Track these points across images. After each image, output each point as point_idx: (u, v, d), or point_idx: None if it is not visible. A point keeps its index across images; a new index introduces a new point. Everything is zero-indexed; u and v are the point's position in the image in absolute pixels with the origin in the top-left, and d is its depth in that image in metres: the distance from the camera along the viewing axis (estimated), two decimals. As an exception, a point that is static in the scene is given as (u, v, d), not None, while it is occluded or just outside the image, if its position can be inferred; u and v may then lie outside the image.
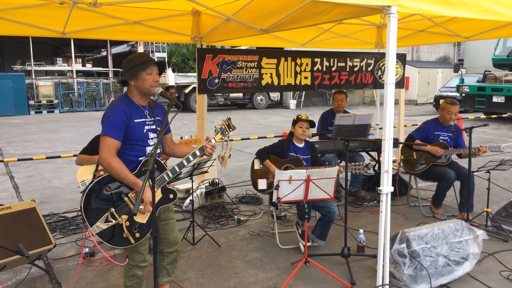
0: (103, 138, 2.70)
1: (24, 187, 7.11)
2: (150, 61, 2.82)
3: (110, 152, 2.67)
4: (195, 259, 4.17)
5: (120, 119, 2.71)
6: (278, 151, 4.51)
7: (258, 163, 4.54)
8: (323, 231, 4.19)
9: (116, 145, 2.71)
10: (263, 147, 4.58)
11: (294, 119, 4.58)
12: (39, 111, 20.96)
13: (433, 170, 5.20)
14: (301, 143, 4.55)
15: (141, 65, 2.78)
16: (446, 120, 5.16)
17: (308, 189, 3.58)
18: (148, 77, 2.79)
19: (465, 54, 29.22)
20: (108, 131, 2.69)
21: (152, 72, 2.82)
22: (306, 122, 4.45)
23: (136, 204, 2.11)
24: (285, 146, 4.53)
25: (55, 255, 4.22)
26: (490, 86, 15.25)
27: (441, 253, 3.54)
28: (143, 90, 2.82)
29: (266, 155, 4.46)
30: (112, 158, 2.68)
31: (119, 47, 32.51)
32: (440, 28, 6.02)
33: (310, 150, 4.56)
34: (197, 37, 5.83)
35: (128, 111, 2.75)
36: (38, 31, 4.96)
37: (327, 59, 6.56)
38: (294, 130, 4.55)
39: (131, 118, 2.76)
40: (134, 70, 2.78)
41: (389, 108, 3.20)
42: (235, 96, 21.73)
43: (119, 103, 2.81)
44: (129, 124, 2.74)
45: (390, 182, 3.25)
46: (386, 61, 3.17)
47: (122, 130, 2.73)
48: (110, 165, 2.67)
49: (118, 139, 2.71)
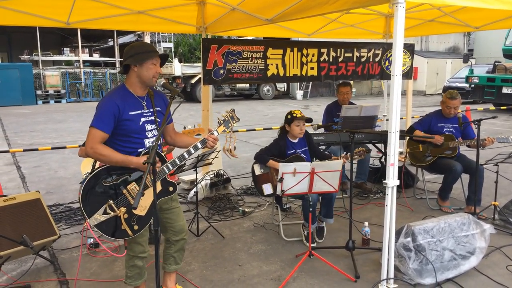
0: (90, 129, 2.70)
1: (30, 177, 7.14)
2: (156, 52, 2.82)
3: (94, 142, 2.66)
4: (199, 250, 4.17)
5: (109, 111, 2.68)
6: (276, 152, 4.34)
7: (258, 167, 4.36)
8: (327, 209, 4.20)
9: (100, 135, 2.68)
10: (259, 150, 4.43)
11: (288, 117, 4.32)
12: (46, 101, 21.06)
13: (439, 163, 5.13)
14: (296, 138, 4.39)
15: (148, 53, 2.76)
16: (446, 113, 5.10)
17: (313, 182, 3.55)
18: (152, 67, 2.77)
19: (475, 44, 28.86)
20: (94, 123, 2.68)
21: (157, 63, 2.81)
22: (303, 120, 4.24)
23: (137, 198, 2.08)
24: (282, 145, 4.35)
25: (60, 246, 4.24)
26: (500, 77, 15.02)
27: (447, 247, 3.49)
28: (145, 79, 2.79)
29: (267, 156, 4.28)
30: (97, 146, 2.66)
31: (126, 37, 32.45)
32: (449, 17, 5.91)
33: (306, 140, 4.42)
34: (202, 27, 5.78)
35: (121, 104, 2.71)
36: (43, 21, 4.94)
37: (334, 50, 6.46)
38: (290, 129, 4.30)
39: (125, 110, 2.72)
40: (139, 57, 2.74)
41: (396, 100, 3.15)
42: (241, 87, 21.65)
43: (112, 95, 2.78)
44: (121, 117, 2.71)
45: (396, 175, 3.21)
46: (393, 52, 3.10)
47: (110, 122, 2.69)
48: (97, 152, 2.66)
49: (104, 130, 2.68)
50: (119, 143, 2.76)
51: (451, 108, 5.04)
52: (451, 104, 5.03)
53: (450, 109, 5.05)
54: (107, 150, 2.68)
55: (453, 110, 5.05)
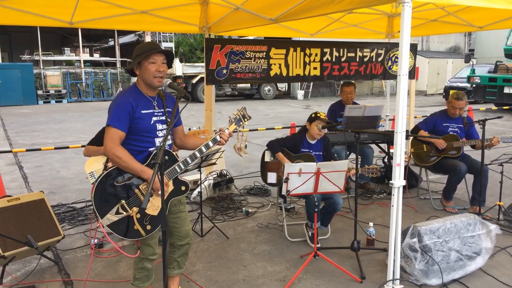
0: (107, 128, 2.67)
1: (32, 177, 7.13)
2: (154, 49, 2.71)
3: (113, 142, 2.63)
4: (204, 251, 4.15)
5: (124, 109, 2.66)
6: (290, 145, 4.38)
7: (269, 155, 4.44)
8: (325, 217, 4.21)
9: (119, 135, 2.66)
10: (275, 138, 4.47)
11: (312, 116, 4.36)
12: (47, 101, 21.03)
13: (444, 163, 5.12)
14: (314, 139, 4.42)
15: (144, 53, 2.69)
16: (452, 113, 5.09)
17: (318, 182, 3.53)
18: (151, 67, 2.69)
19: (476, 44, 28.81)
20: (111, 121, 2.65)
21: (156, 61, 2.71)
22: (324, 123, 4.25)
23: (146, 198, 2.07)
24: (298, 141, 4.39)
25: (64, 246, 4.23)
26: (501, 77, 15.00)
27: (453, 247, 3.48)
28: (146, 80, 2.74)
29: (278, 147, 4.34)
30: (116, 148, 2.63)
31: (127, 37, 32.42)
32: (453, 17, 5.89)
33: (323, 145, 4.43)
34: (205, 27, 5.76)
35: (134, 102, 2.69)
36: (46, 20, 4.92)
37: (337, 49, 6.43)
38: (309, 127, 4.34)
39: (138, 108, 2.70)
40: (137, 59, 2.71)
41: (402, 100, 3.13)
42: (242, 87, 21.62)
43: (125, 94, 2.76)
44: (134, 115, 2.69)
45: (402, 175, 3.20)
46: (400, 52, 3.08)
47: (126, 121, 2.67)
48: (115, 154, 2.62)
49: (122, 129, 2.66)
50: (129, 142, 2.74)
51: (457, 108, 5.03)
52: (457, 105, 5.02)
53: (456, 110, 5.04)
54: (125, 154, 2.64)
55: (458, 110, 5.05)
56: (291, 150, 4.38)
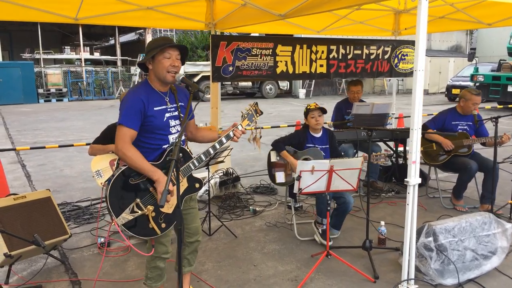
0: (118, 127, 2.59)
1: (36, 175, 7.06)
2: (169, 43, 2.63)
3: (124, 141, 2.55)
4: (212, 250, 4.09)
5: (136, 107, 2.58)
6: (295, 143, 4.32)
7: (275, 155, 4.36)
8: (337, 220, 4.12)
9: (131, 134, 2.58)
10: (279, 137, 4.41)
11: (304, 111, 4.35)
12: (48, 100, 20.94)
13: (454, 161, 5.04)
14: (318, 132, 4.34)
15: (158, 47, 2.60)
16: (470, 110, 5.00)
17: (331, 180, 3.46)
18: (165, 61, 2.61)
19: (478, 43, 28.74)
20: (122, 120, 2.57)
21: (171, 56, 2.63)
22: (317, 110, 4.21)
23: (163, 196, 2.00)
24: (302, 137, 4.33)
25: (70, 245, 4.16)
26: (505, 75, 14.92)
27: (469, 247, 3.41)
28: (160, 75, 2.65)
29: (283, 146, 4.27)
30: (127, 147, 2.55)
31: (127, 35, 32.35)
32: (462, 14, 5.81)
33: (328, 139, 4.37)
34: (211, 23, 5.69)
35: (145, 99, 2.61)
36: (50, 16, 4.85)
37: (343, 47, 6.37)
38: (307, 122, 4.33)
39: (150, 106, 2.62)
40: (150, 53, 2.63)
41: (418, 96, 3.07)
42: (244, 85, 21.55)
43: (136, 91, 2.67)
44: (147, 113, 2.61)
45: (418, 173, 3.13)
46: (416, 46, 3.02)
47: (137, 119, 2.59)
48: (125, 154, 2.54)
49: (133, 128, 2.58)
50: (142, 140, 2.66)
51: (477, 104, 4.96)
52: (477, 101, 4.95)
53: (476, 106, 4.97)
54: (136, 155, 2.56)
55: (477, 106, 4.98)
56: (296, 147, 4.31)
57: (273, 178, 4.37)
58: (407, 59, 7.23)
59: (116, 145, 2.56)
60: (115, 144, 2.57)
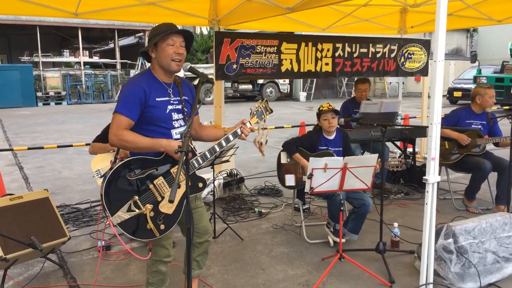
0: (114, 115, 2.42)
1: (33, 177, 6.87)
2: (172, 29, 2.45)
3: (119, 128, 2.38)
4: (218, 253, 3.90)
5: (135, 96, 2.40)
6: (307, 144, 4.13)
7: (285, 156, 4.17)
8: (356, 224, 3.88)
9: (127, 122, 2.40)
10: (290, 138, 4.23)
11: (317, 112, 4.18)
12: (46, 103, 20.76)
13: (467, 161, 4.88)
14: (331, 134, 4.15)
15: (161, 33, 2.42)
16: (489, 105, 4.85)
17: (344, 179, 3.28)
18: (168, 48, 2.44)
19: (478, 46, 28.65)
20: (119, 108, 2.40)
21: (175, 42, 2.46)
22: (330, 112, 4.04)
23: (173, 189, 1.81)
24: (315, 139, 4.14)
25: (69, 249, 3.97)
26: (509, 77, 14.80)
27: (490, 249, 3.24)
28: (163, 64, 2.48)
29: (295, 147, 4.08)
30: (123, 132, 2.38)
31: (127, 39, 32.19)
32: (472, 10, 5.68)
33: (342, 140, 4.17)
34: (214, 19, 5.53)
35: (147, 88, 2.44)
36: (50, 11, 4.70)
37: (349, 45, 6.21)
38: (320, 123, 4.14)
39: (151, 96, 2.45)
40: (153, 40, 2.45)
41: (438, 87, 2.94)
42: (244, 88, 21.41)
43: (138, 79, 2.50)
44: (147, 103, 2.43)
45: (437, 170, 2.97)
46: (436, 36, 2.86)
47: (136, 108, 2.42)
48: (122, 139, 2.38)
49: (130, 117, 2.41)
50: (143, 133, 2.48)
51: (493, 97, 4.83)
52: (492, 93, 4.84)
53: (493, 99, 4.85)
54: (132, 135, 2.40)
55: (493, 99, 4.85)
56: (308, 149, 4.13)
57: (282, 180, 4.18)
58: (413, 58, 7.10)
59: (110, 132, 2.39)
60: (109, 134, 2.39)
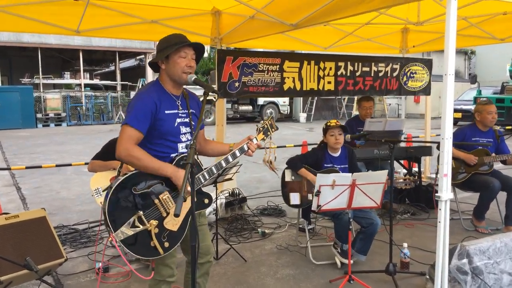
0: (123, 127, 2.33)
1: (31, 198, 6.73)
2: (185, 42, 2.42)
3: (128, 142, 2.29)
4: (221, 275, 3.75)
5: (146, 107, 2.33)
6: (312, 161, 4.04)
7: (290, 174, 4.07)
8: (364, 244, 3.75)
9: (137, 136, 2.33)
10: (295, 155, 4.14)
11: (323, 128, 4.11)
12: (46, 124, 20.70)
13: (474, 180, 4.77)
14: (337, 151, 4.06)
15: (173, 45, 2.38)
16: (488, 122, 4.77)
17: (353, 196, 3.17)
18: (180, 61, 2.40)
19: (476, 68, 28.90)
20: (129, 120, 2.31)
21: (187, 55, 2.42)
22: (337, 128, 3.96)
23: (178, 203, 1.70)
24: (320, 156, 4.05)
25: (66, 271, 3.82)
26: (509, 97, 14.85)
27: (505, 270, 3.11)
28: (174, 76, 2.43)
29: (300, 164, 3.99)
30: (132, 148, 2.30)
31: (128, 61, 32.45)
32: (475, 29, 5.66)
33: (347, 156, 4.08)
34: (217, 38, 5.51)
35: (158, 100, 2.37)
36: (52, 28, 4.68)
37: (352, 63, 6.18)
38: (326, 140, 4.06)
39: (161, 108, 2.38)
40: (164, 52, 2.41)
41: (449, 101, 2.85)
42: (244, 109, 21.47)
43: (148, 90, 2.43)
44: (157, 116, 2.36)
45: (450, 187, 2.86)
46: (446, 49, 2.80)
47: (147, 121, 2.34)
48: (130, 154, 2.28)
49: (141, 130, 2.33)
50: (150, 146, 2.40)
51: (493, 112, 4.75)
52: (492, 109, 4.76)
53: (492, 114, 4.75)
54: (141, 153, 2.31)
55: (494, 115, 4.77)
56: (312, 167, 4.03)
57: (287, 199, 4.07)
58: (416, 77, 7.06)
59: (119, 145, 2.29)
60: (117, 146, 2.29)
